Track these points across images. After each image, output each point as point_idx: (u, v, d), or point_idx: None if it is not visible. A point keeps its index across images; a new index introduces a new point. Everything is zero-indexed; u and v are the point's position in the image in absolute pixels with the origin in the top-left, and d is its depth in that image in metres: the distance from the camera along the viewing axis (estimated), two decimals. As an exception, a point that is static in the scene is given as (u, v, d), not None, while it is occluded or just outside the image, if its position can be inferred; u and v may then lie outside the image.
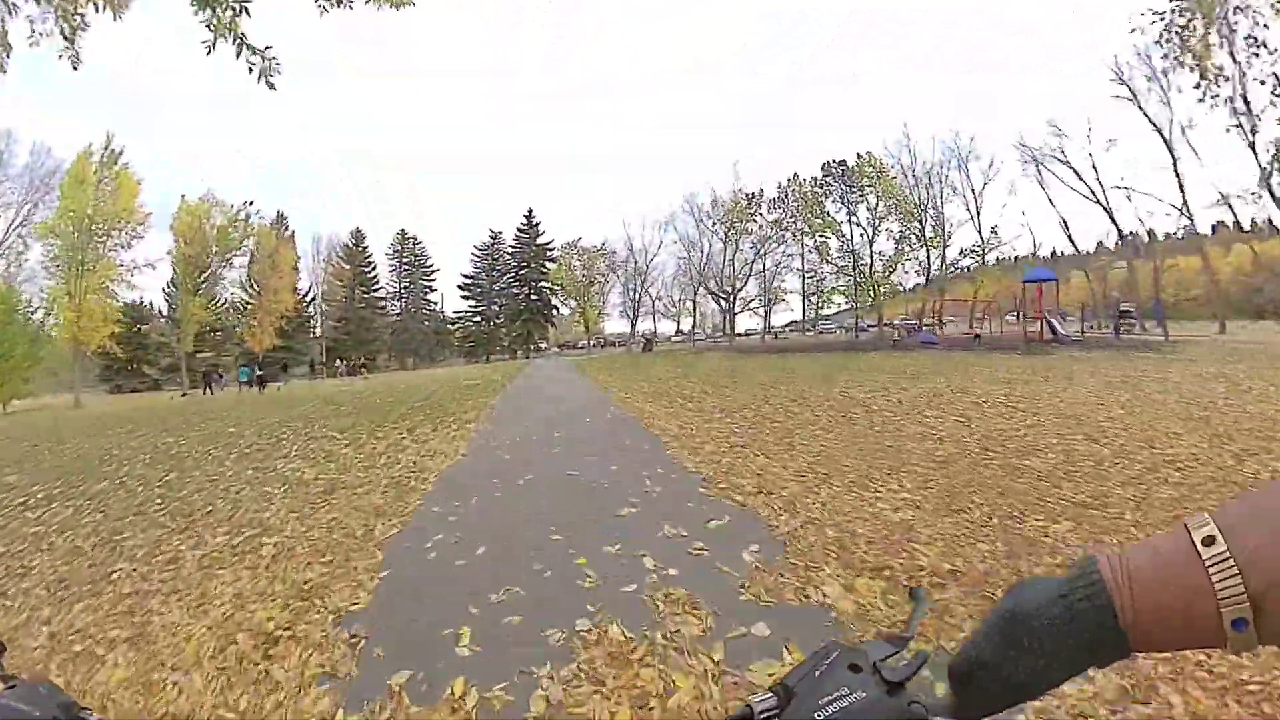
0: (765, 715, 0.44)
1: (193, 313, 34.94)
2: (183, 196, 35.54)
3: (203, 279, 35.53)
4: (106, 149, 33.58)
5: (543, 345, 63.94)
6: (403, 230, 71.98)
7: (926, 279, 44.01)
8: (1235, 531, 0.37)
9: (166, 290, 45.34)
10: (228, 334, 48.58)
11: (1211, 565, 0.37)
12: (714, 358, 26.76)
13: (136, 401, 31.08)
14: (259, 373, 29.79)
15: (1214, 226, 38.23)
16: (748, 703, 0.45)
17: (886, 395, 9.71)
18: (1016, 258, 45.98)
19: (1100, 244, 46.36)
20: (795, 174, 50.65)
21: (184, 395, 33.62)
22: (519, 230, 59.32)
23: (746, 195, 50.27)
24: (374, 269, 65.17)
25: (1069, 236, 41.51)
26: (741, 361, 21.92)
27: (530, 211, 59.57)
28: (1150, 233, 39.61)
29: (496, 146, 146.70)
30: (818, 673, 0.45)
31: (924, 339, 25.86)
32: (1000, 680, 0.42)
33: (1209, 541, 0.37)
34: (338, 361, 38.21)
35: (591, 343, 58.36)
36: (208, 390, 33.88)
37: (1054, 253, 53.14)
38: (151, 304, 53.71)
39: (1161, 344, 19.85)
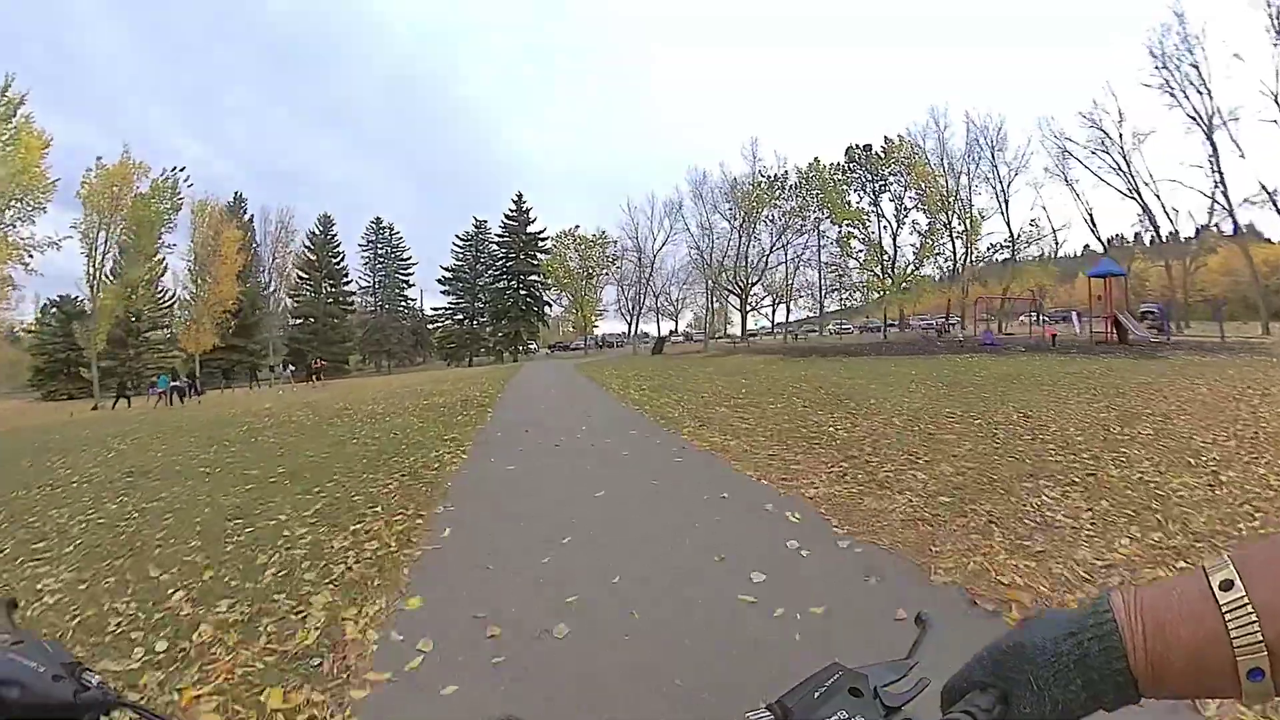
0: None
1: (105, 304, 28.21)
2: (98, 159, 28.78)
3: (118, 261, 28.68)
4: (2, 94, 26.95)
5: (532, 346, 57.65)
6: (378, 218, 65.54)
7: (953, 274, 38.57)
8: (1255, 577, 0.35)
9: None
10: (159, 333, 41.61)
11: (1228, 611, 0.35)
12: (761, 362, 21.02)
13: (40, 414, 24.90)
14: (177, 383, 23.28)
15: (1198, 230, 35.18)
16: (745, 719, 0.43)
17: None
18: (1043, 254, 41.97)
19: (1131, 239, 43.85)
20: (816, 158, 45.48)
21: (94, 409, 27.29)
22: (506, 217, 52.92)
23: (768, 177, 44.88)
24: (342, 259, 58.50)
25: (1095, 232, 37.88)
26: (813, 369, 16.12)
27: (520, 196, 53.31)
28: (1198, 231, 37.06)
29: (483, 122, 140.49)
30: (817, 694, 0.43)
31: (985, 340, 21.70)
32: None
33: (1227, 586, 0.35)
34: (284, 367, 31.25)
35: (587, 343, 52.33)
36: (122, 402, 27.51)
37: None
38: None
39: (1222, 345, 17.49)
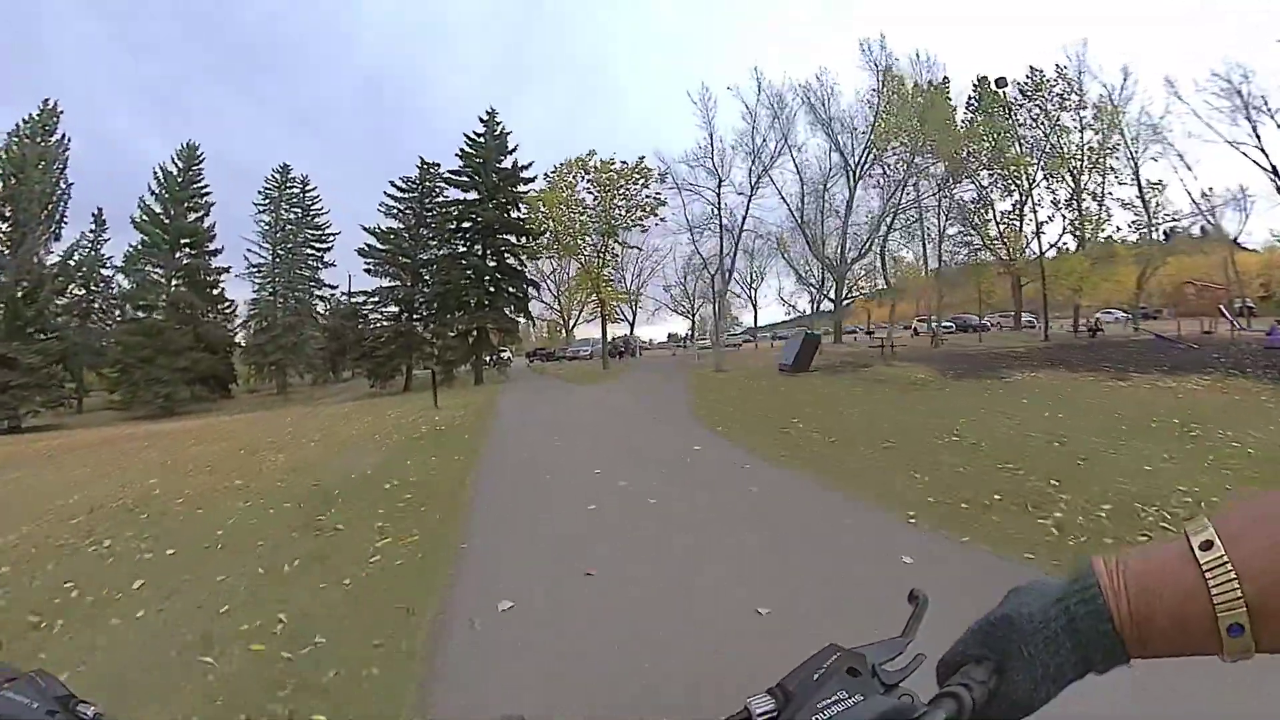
0: (763, 717, 0.43)
1: None
2: None
3: None
4: None
5: (504, 354, 36.49)
6: (285, 165, 44.36)
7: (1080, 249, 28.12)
8: (1234, 537, 0.36)
9: None
10: None
11: (1208, 569, 0.36)
12: None
13: None
14: None
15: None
16: (746, 704, 0.44)
17: None
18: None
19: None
20: (944, 78, 27.63)
21: None
22: (469, 141, 31.94)
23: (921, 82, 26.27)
24: (208, 214, 36.94)
25: (1204, 210, 26.82)
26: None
27: (492, 113, 32.70)
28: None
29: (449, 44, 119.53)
30: (815, 676, 0.44)
31: (1272, 340, 13.61)
32: (993, 693, 0.40)
33: (1207, 546, 0.36)
34: None
35: (597, 348, 32.05)
36: None
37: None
38: None
39: None
